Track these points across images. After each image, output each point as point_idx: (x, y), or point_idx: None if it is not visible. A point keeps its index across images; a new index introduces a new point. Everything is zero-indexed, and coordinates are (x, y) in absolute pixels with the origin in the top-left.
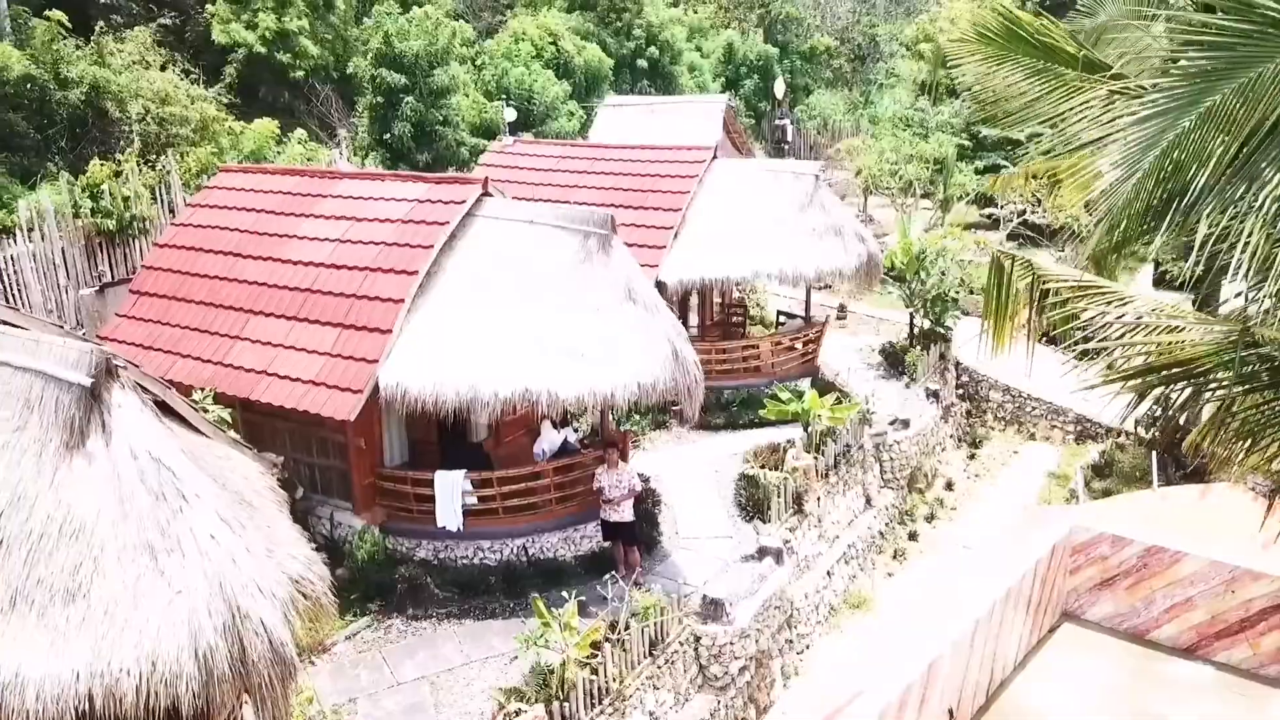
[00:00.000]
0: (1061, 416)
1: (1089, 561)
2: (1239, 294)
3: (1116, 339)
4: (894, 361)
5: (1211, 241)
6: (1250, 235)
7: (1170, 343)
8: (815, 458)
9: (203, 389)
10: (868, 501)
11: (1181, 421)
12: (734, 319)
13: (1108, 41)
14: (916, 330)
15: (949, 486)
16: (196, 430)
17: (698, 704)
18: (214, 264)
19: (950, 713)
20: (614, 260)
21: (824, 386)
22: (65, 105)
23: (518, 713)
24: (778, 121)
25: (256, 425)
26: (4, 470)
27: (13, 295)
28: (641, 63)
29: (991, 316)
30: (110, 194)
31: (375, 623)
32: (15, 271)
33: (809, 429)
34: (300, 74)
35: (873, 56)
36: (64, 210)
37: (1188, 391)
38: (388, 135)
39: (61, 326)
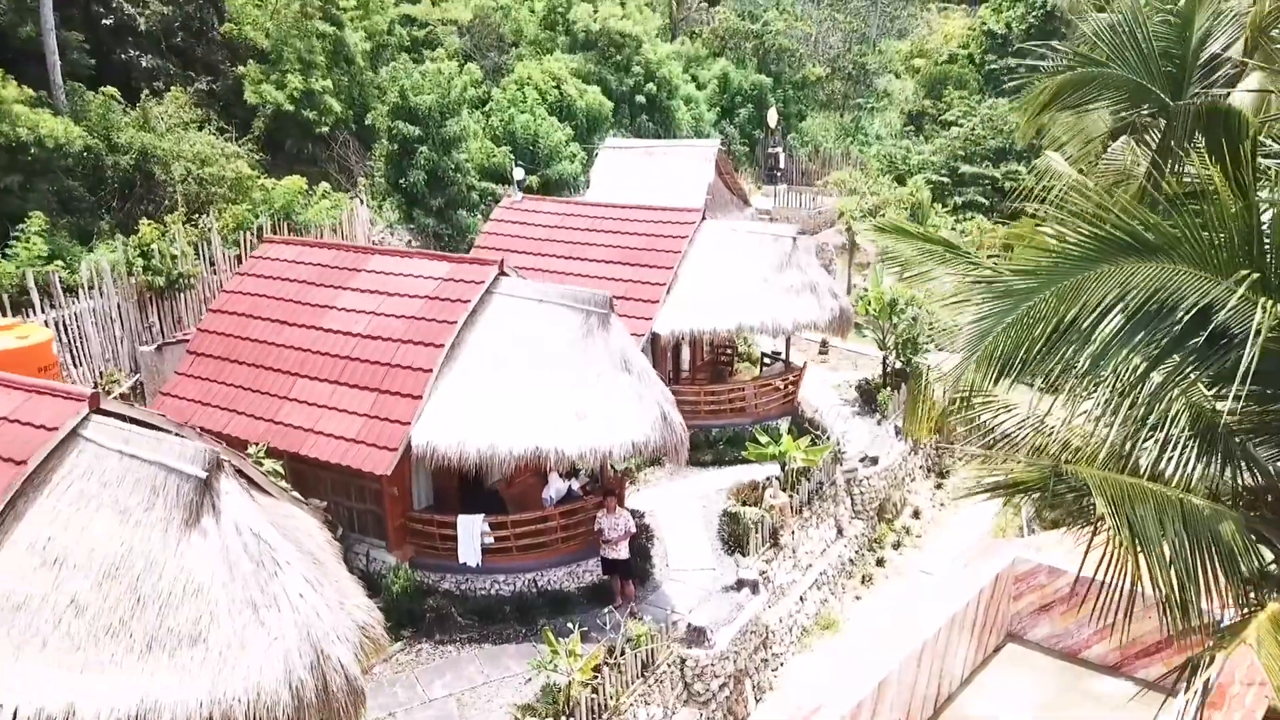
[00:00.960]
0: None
1: (1030, 589)
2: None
3: (982, 456)
4: (868, 398)
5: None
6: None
7: (1010, 470)
8: (790, 495)
9: (256, 443)
10: (839, 532)
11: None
12: (722, 359)
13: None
14: (889, 370)
15: (916, 515)
16: (265, 491)
17: (683, 717)
18: (262, 329)
19: (884, 708)
20: (612, 335)
21: (803, 424)
22: (117, 170)
23: None
24: (771, 149)
25: (302, 474)
26: (139, 542)
27: (76, 348)
28: (640, 99)
29: (910, 415)
30: (159, 253)
31: (408, 647)
32: (78, 326)
33: (785, 468)
34: (325, 129)
35: (863, 83)
36: (119, 269)
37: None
38: (403, 181)
39: (171, 427)
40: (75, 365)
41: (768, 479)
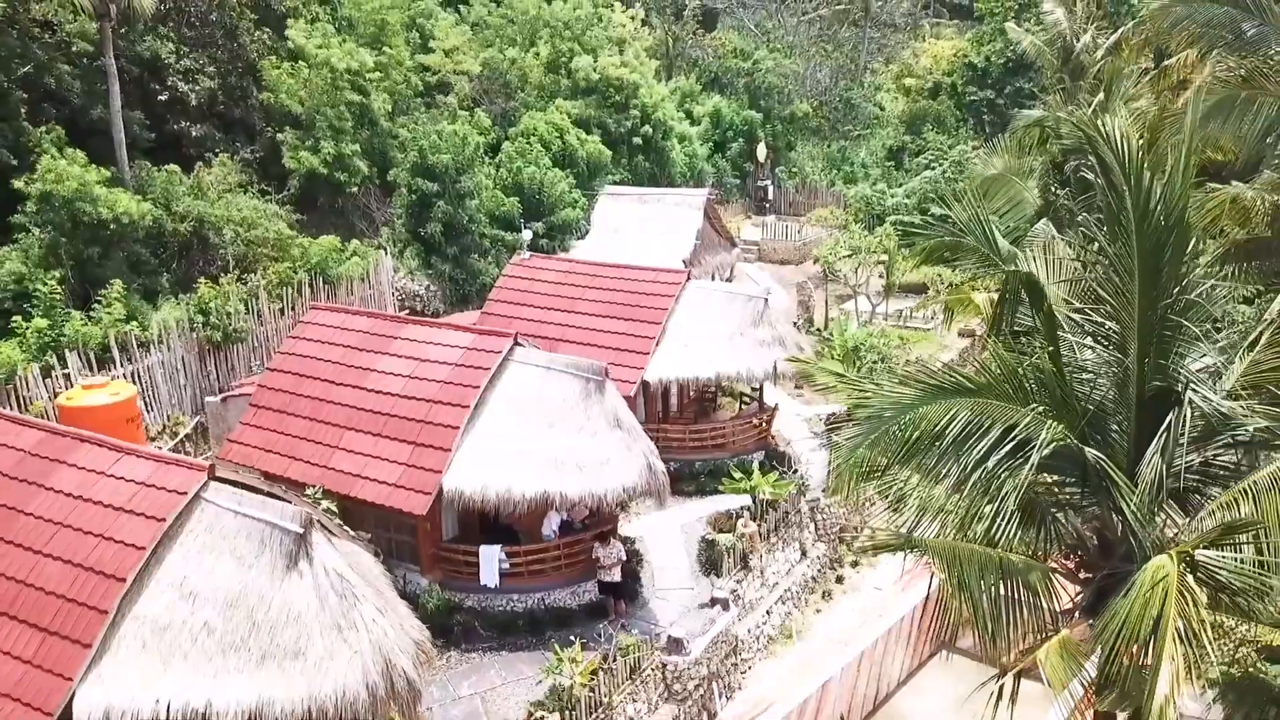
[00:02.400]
0: None
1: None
2: None
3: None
4: (836, 430)
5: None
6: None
7: (876, 538)
8: (760, 524)
9: (313, 486)
10: (803, 553)
11: None
12: (707, 397)
13: (998, 189)
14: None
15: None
16: (333, 532)
17: (663, 712)
18: (314, 387)
19: (842, 717)
20: (606, 397)
21: (776, 456)
22: (176, 235)
23: (542, 718)
24: (760, 182)
25: (350, 510)
26: (252, 580)
27: (148, 396)
28: (637, 140)
29: (834, 479)
30: (216, 311)
31: (439, 654)
32: (150, 377)
33: (756, 500)
34: (354, 188)
35: (849, 116)
36: (182, 325)
37: None
38: (422, 231)
39: (265, 486)
40: (148, 410)
41: (740, 509)
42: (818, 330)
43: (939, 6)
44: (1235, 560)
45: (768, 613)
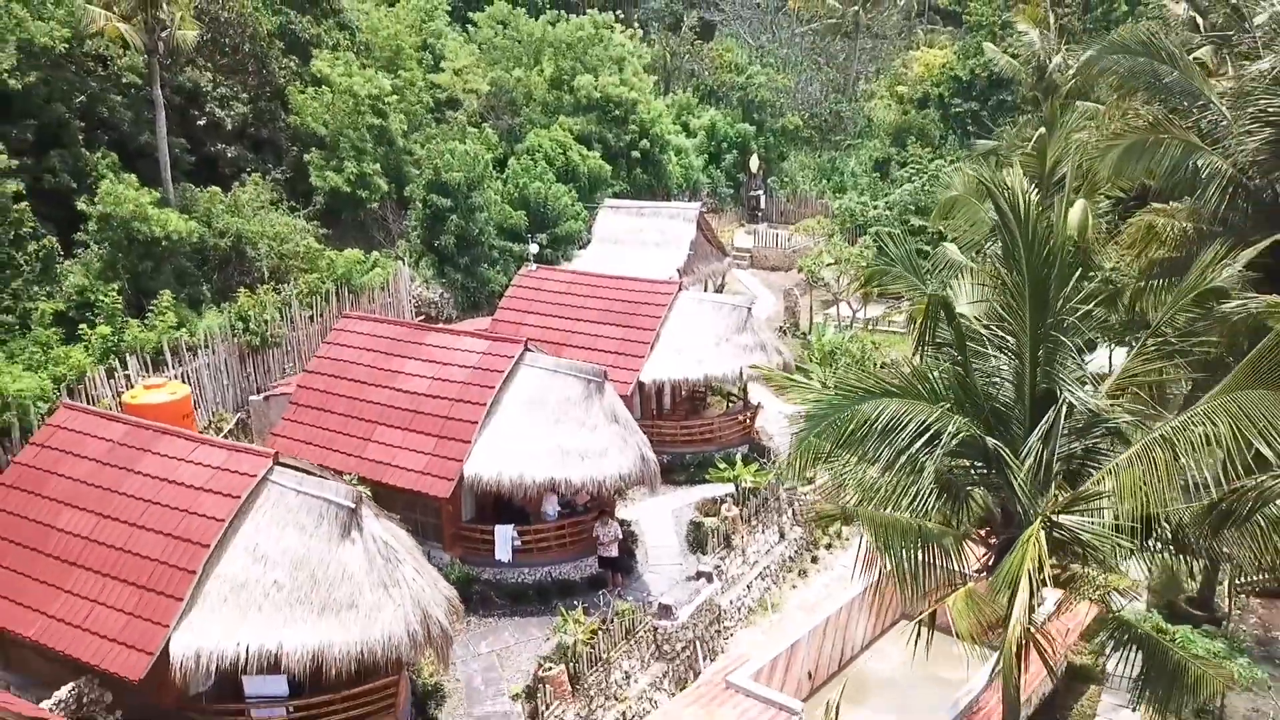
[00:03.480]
0: None
1: None
2: None
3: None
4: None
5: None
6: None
7: (822, 509)
8: (741, 509)
9: (349, 474)
10: (781, 536)
11: None
12: (697, 396)
13: (959, 209)
14: None
15: (847, 521)
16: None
17: (655, 668)
18: (347, 387)
19: (810, 674)
20: (605, 396)
21: (758, 448)
22: (217, 249)
23: (549, 669)
24: (753, 192)
25: (381, 495)
26: (313, 547)
27: (196, 394)
28: (635, 153)
29: (788, 463)
30: (254, 318)
31: (460, 619)
32: (197, 378)
33: (739, 488)
34: (374, 204)
35: (838, 129)
36: (224, 331)
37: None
38: (436, 242)
39: (316, 470)
40: (195, 408)
41: (725, 496)
42: (802, 334)
43: (932, 14)
44: (1090, 523)
45: (748, 587)
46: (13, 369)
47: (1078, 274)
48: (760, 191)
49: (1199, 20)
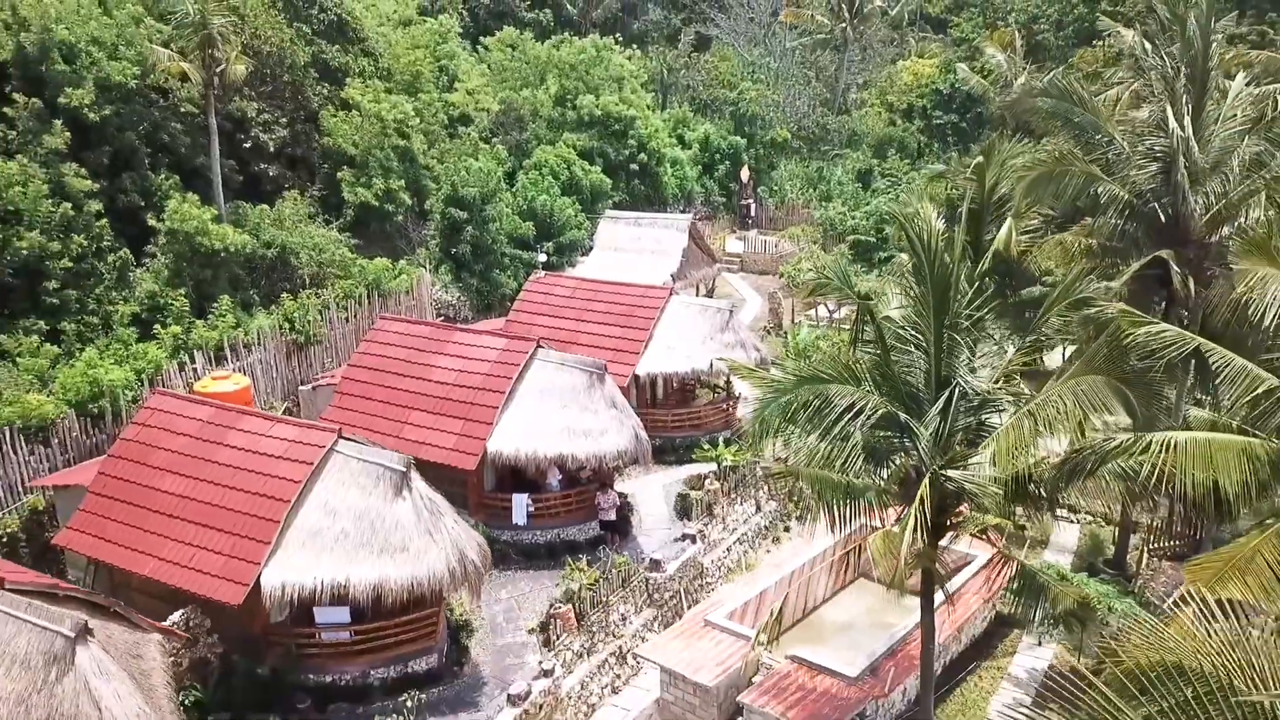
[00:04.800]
0: None
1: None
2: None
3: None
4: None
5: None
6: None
7: (773, 469)
8: (723, 484)
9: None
10: (758, 507)
11: None
12: (688, 388)
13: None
14: None
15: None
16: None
17: (646, 613)
18: (386, 379)
19: (777, 615)
20: (605, 386)
21: (739, 433)
22: (264, 259)
23: (559, 607)
24: (743, 201)
25: (417, 469)
26: (371, 502)
27: (253, 385)
28: (634, 166)
29: (745, 433)
30: (298, 319)
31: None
32: (251, 372)
33: (720, 466)
34: (399, 217)
35: (825, 140)
36: (273, 330)
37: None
38: (454, 250)
39: (367, 443)
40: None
41: (709, 473)
42: (784, 333)
43: (924, 24)
44: (972, 476)
45: (727, 550)
46: (104, 362)
47: (974, 288)
48: (751, 200)
49: (1148, 47)
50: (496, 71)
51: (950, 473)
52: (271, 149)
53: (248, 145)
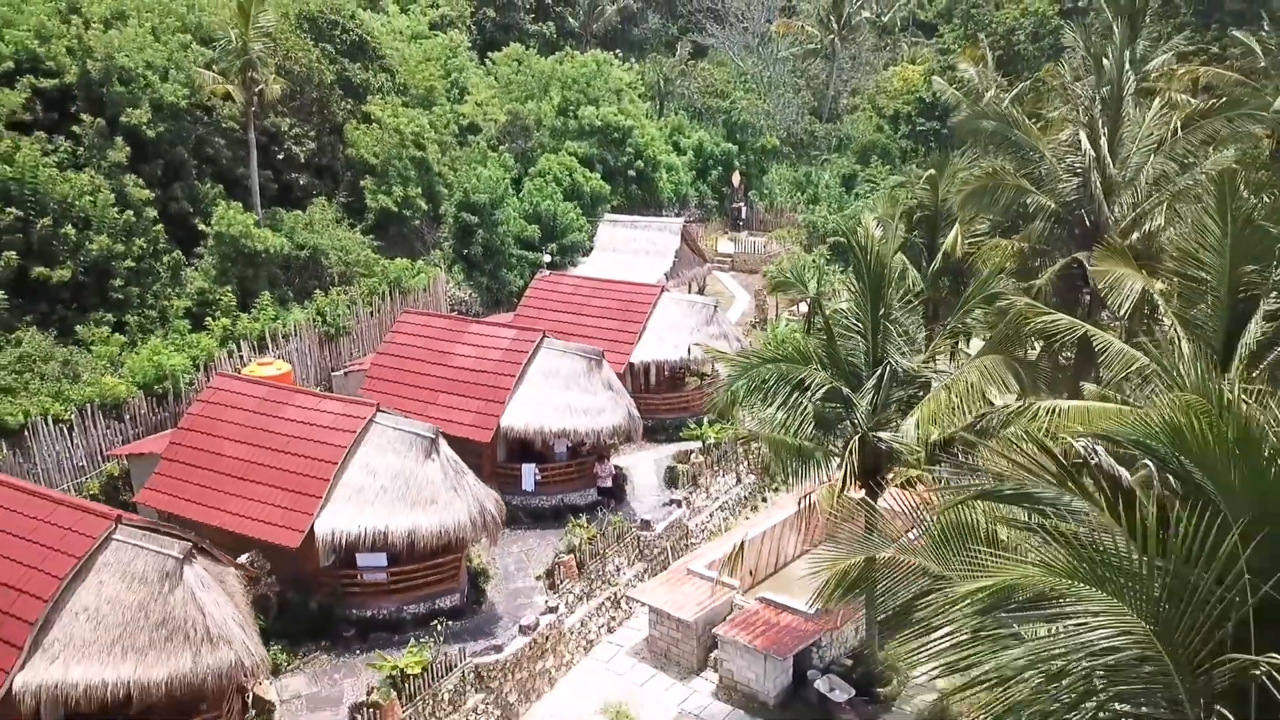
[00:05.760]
0: None
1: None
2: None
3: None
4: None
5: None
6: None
7: (739, 434)
8: (706, 458)
9: None
10: (738, 480)
11: None
12: (677, 375)
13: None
14: None
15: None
16: None
17: (638, 566)
18: (410, 364)
19: (750, 573)
20: (602, 370)
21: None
22: (296, 259)
23: (562, 556)
24: (735, 204)
25: None
26: (405, 464)
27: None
28: (631, 172)
29: (714, 402)
30: (328, 313)
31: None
32: (289, 358)
33: (705, 443)
34: (416, 221)
35: (812, 146)
36: (307, 323)
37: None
38: (466, 251)
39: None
40: None
41: (696, 449)
42: (768, 327)
43: (915, 30)
44: (897, 437)
45: (710, 516)
46: (166, 350)
47: (905, 287)
48: (742, 203)
49: (1069, 76)
50: (503, 84)
51: (881, 434)
52: (302, 160)
53: (281, 156)
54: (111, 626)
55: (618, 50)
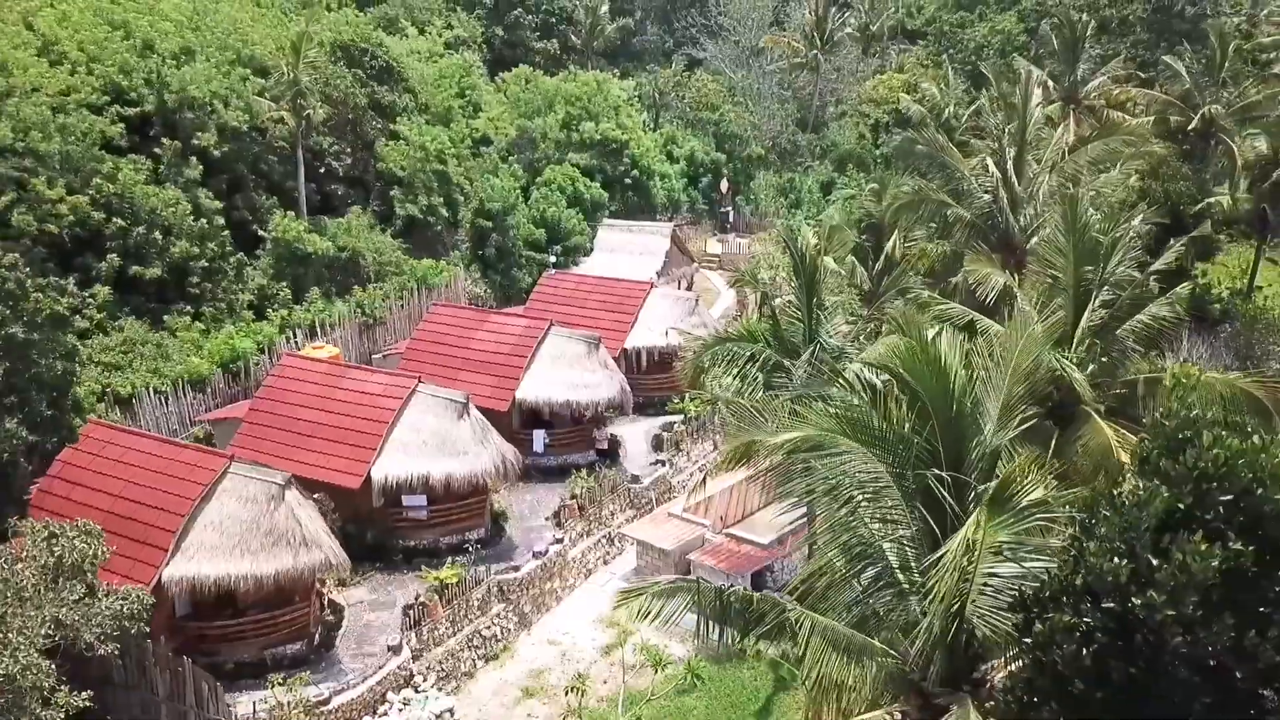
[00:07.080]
0: None
1: None
2: None
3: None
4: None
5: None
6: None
7: (704, 396)
8: (687, 427)
9: None
10: (715, 446)
11: None
12: (666, 359)
13: (835, 235)
14: None
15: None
16: None
17: (629, 512)
18: (439, 348)
19: (722, 518)
20: (600, 352)
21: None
22: (338, 259)
23: (568, 501)
24: (723, 209)
25: None
26: (442, 423)
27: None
28: (628, 180)
29: (683, 372)
30: (366, 306)
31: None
32: (336, 344)
33: (686, 415)
34: (438, 227)
35: (796, 155)
36: (349, 314)
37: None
38: (481, 253)
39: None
40: None
41: (680, 420)
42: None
43: (902, 39)
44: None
45: (690, 475)
46: (237, 336)
47: (840, 285)
48: (730, 208)
49: (1050, 84)
50: (513, 101)
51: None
52: (340, 173)
53: (322, 171)
54: (231, 534)
55: (619, 62)
